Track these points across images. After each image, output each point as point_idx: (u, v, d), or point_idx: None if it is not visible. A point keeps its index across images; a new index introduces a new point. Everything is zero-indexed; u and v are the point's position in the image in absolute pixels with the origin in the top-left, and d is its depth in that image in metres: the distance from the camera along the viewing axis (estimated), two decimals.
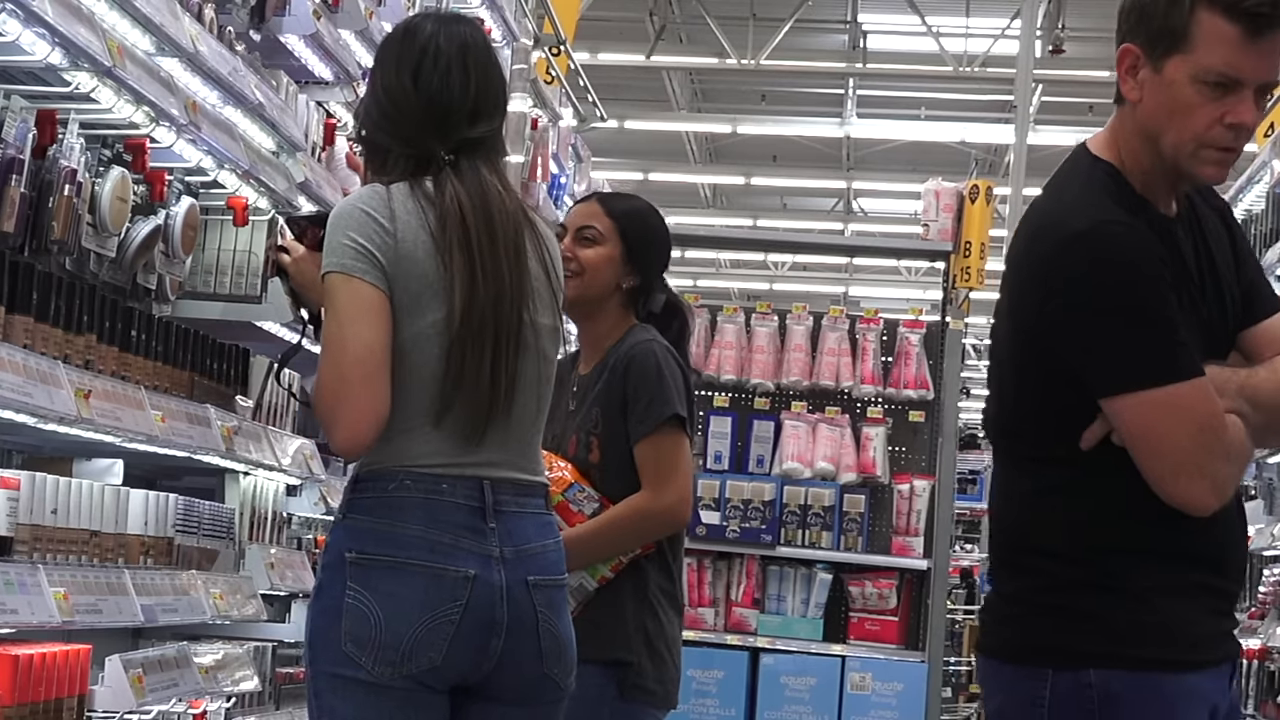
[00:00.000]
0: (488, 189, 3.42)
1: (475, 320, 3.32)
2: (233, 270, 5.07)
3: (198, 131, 4.44)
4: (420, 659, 3.27)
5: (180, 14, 4.33)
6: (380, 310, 3.30)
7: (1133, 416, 2.94)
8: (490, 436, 3.35)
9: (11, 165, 3.78)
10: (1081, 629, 2.98)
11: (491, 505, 3.33)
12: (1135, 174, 3.08)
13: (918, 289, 29.39)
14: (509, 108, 3.59)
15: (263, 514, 5.25)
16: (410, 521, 3.30)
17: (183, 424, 4.41)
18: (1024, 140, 19.03)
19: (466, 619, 3.28)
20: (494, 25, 8.05)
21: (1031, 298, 3.02)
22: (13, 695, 3.63)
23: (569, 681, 3.45)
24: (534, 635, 3.35)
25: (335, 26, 5.59)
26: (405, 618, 3.27)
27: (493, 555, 3.31)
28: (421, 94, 3.45)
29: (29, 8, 3.57)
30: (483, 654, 3.31)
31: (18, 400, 3.55)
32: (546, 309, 3.44)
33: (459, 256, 3.33)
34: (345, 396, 3.28)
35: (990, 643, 3.13)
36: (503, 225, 3.39)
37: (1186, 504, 2.94)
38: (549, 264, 3.48)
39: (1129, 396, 2.94)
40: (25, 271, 3.77)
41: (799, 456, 7.91)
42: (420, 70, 3.45)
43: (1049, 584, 3.02)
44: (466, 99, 3.45)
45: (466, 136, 3.44)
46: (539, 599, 3.36)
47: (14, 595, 3.56)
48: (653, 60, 21.51)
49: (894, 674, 7.67)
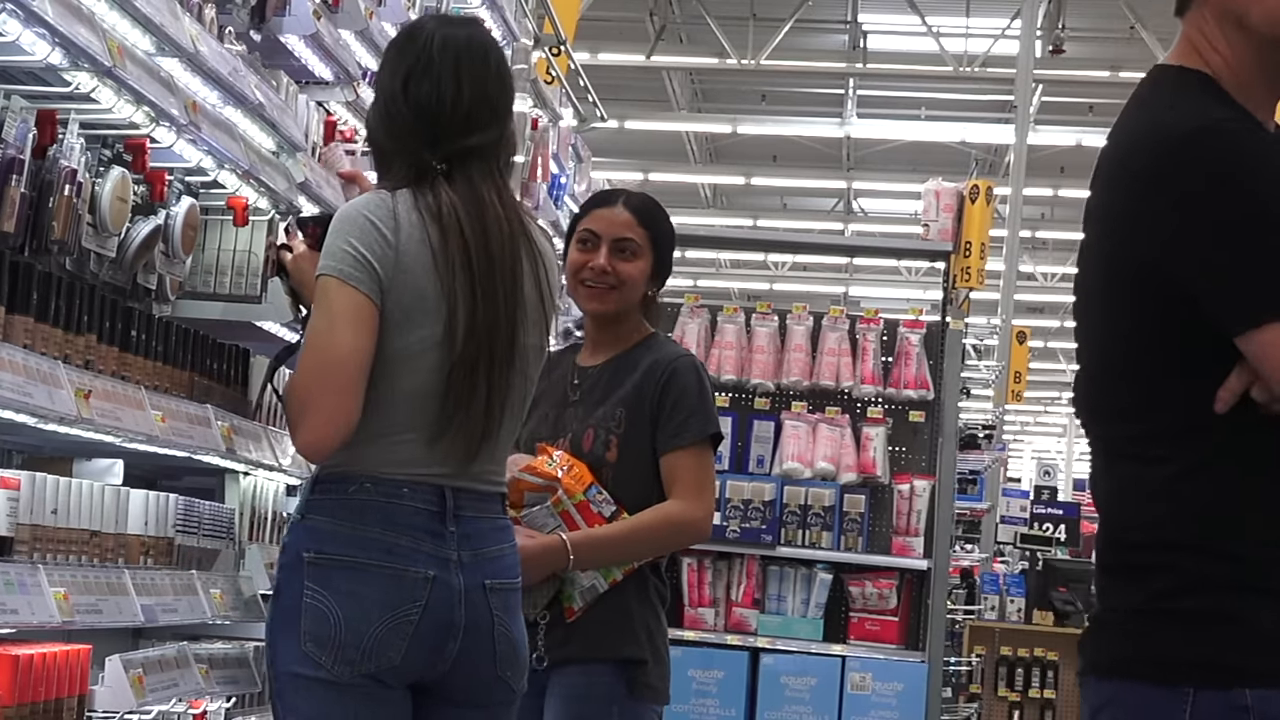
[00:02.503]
0: (483, 204, 3.40)
1: (474, 343, 3.34)
2: (233, 270, 5.07)
3: (198, 131, 4.44)
4: (380, 658, 3.30)
5: (180, 14, 4.33)
6: (369, 320, 3.31)
7: (1278, 347, 2.37)
8: (462, 448, 3.38)
9: (11, 165, 3.77)
10: (1231, 639, 2.42)
11: (451, 510, 3.36)
12: (1229, 81, 2.55)
13: (918, 289, 29.43)
14: None
15: (263, 514, 5.24)
16: (370, 524, 3.33)
17: (183, 424, 4.41)
18: (1024, 140, 19.05)
19: (425, 619, 3.31)
20: (494, 25, 8.05)
21: (1137, 224, 2.47)
22: (13, 695, 3.63)
23: (521, 684, 3.48)
24: (489, 638, 3.38)
25: (335, 27, 5.59)
26: (365, 617, 3.29)
27: (451, 559, 3.35)
28: (410, 102, 3.44)
29: (29, 8, 3.56)
30: (439, 654, 3.34)
31: (18, 400, 3.55)
32: (535, 329, 3.45)
33: (461, 275, 3.34)
34: (318, 398, 3.31)
35: (1104, 659, 2.55)
36: (499, 245, 3.39)
37: None
38: (543, 283, 3.46)
39: (1274, 326, 2.38)
40: (25, 271, 3.77)
41: (799, 456, 7.91)
42: (410, 77, 3.45)
43: (1182, 585, 2.45)
44: (459, 108, 3.42)
45: (460, 146, 3.42)
46: (495, 602, 3.38)
47: (14, 595, 3.56)
48: (653, 60, 21.54)
49: (894, 674, 7.66)
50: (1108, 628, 2.57)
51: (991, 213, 8.73)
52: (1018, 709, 12.34)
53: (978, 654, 12.31)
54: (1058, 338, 37.61)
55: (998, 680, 12.35)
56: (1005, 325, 17.79)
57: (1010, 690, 12.31)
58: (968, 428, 13.76)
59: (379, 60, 6.09)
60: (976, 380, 13.01)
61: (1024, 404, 29.21)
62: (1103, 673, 2.55)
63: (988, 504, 15.86)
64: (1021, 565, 14.52)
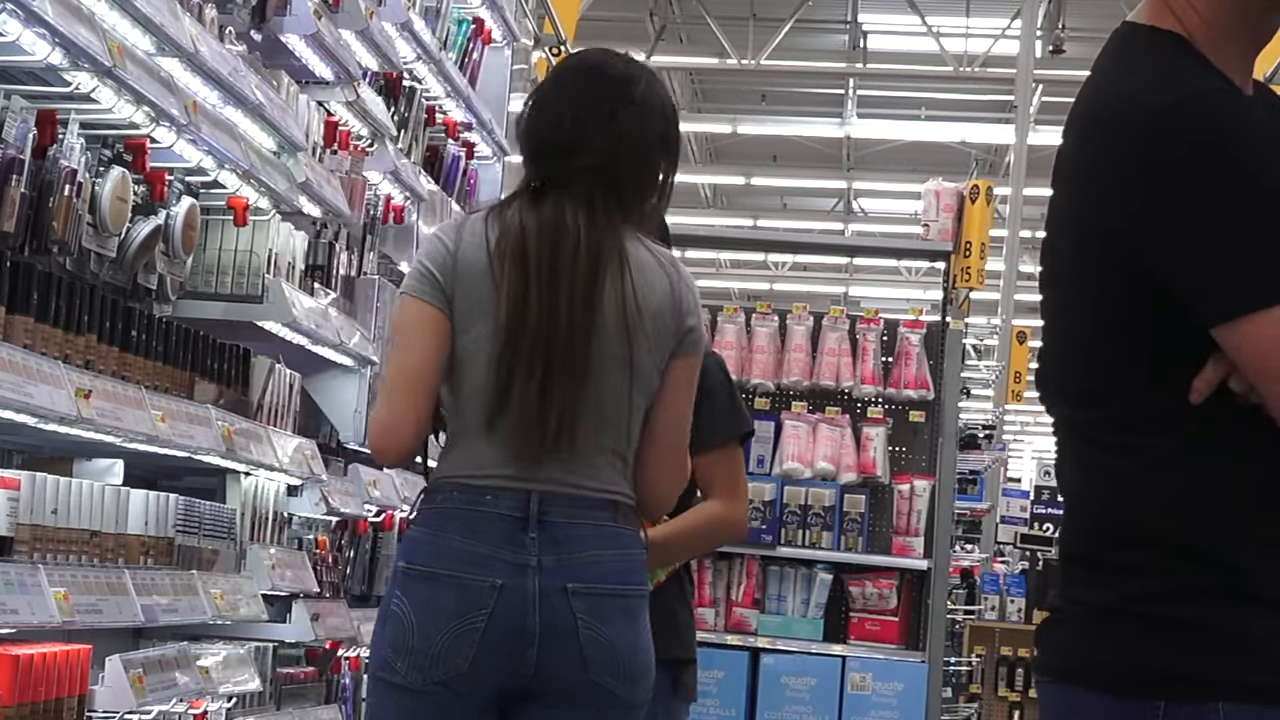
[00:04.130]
0: (560, 219, 3.46)
1: (526, 340, 3.39)
2: (234, 270, 5.08)
3: (198, 131, 4.43)
4: (448, 665, 3.34)
5: (180, 14, 4.32)
6: (432, 326, 3.42)
7: (1261, 341, 2.17)
8: (547, 455, 3.41)
9: (12, 165, 3.77)
10: (1204, 648, 2.22)
11: (535, 516, 3.39)
12: (1204, 41, 2.33)
13: (918, 289, 29.41)
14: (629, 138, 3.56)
15: (263, 514, 5.24)
16: (451, 532, 3.39)
17: (183, 424, 4.41)
18: (1024, 140, 19.08)
19: (493, 627, 3.34)
20: (494, 25, 8.06)
21: (1107, 191, 2.26)
22: (13, 695, 3.63)
23: (633, 691, 3.45)
24: (574, 642, 3.37)
25: (336, 26, 5.58)
26: (435, 624, 3.35)
27: (529, 564, 3.36)
28: (519, 121, 3.59)
29: (29, 8, 3.56)
30: (519, 661, 3.36)
31: (18, 400, 3.55)
32: (617, 341, 3.45)
33: (512, 273, 3.40)
34: (381, 405, 3.48)
35: (1070, 663, 2.33)
36: (571, 254, 3.43)
37: None
38: (630, 302, 3.46)
39: (1256, 317, 2.17)
40: (25, 272, 3.77)
41: (799, 456, 7.92)
42: (530, 98, 3.60)
43: (1155, 590, 2.25)
44: (559, 132, 3.51)
45: (558, 168, 3.51)
46: (579, 606, 3.38)
47: (14, 595, 3.56)
48: (653, 60, 21.49)
49: (894, 674, 7.67)
50: (1070, 624, 2.35)
51: (992, 213, 8.73)
52: (1018, 709, 12.35)
53: (978, 654, 12.32)
54: None
55: (998, 680, 12.35)
56: (1005, 325, 17.81)
57: (1010, 690, 12.32)
58: (968, 428, 13.77)
59: (379, 60, 6.12)
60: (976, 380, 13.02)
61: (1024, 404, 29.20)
62: (1062, 677, 2.34)
63: (988, 504, 15.87)
64: (1022, 565, 14.54)
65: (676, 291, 3.50)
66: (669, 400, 3.51)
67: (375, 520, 6.45)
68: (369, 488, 6.13)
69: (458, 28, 7.59)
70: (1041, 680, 2.40)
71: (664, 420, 3.52)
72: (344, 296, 5.87)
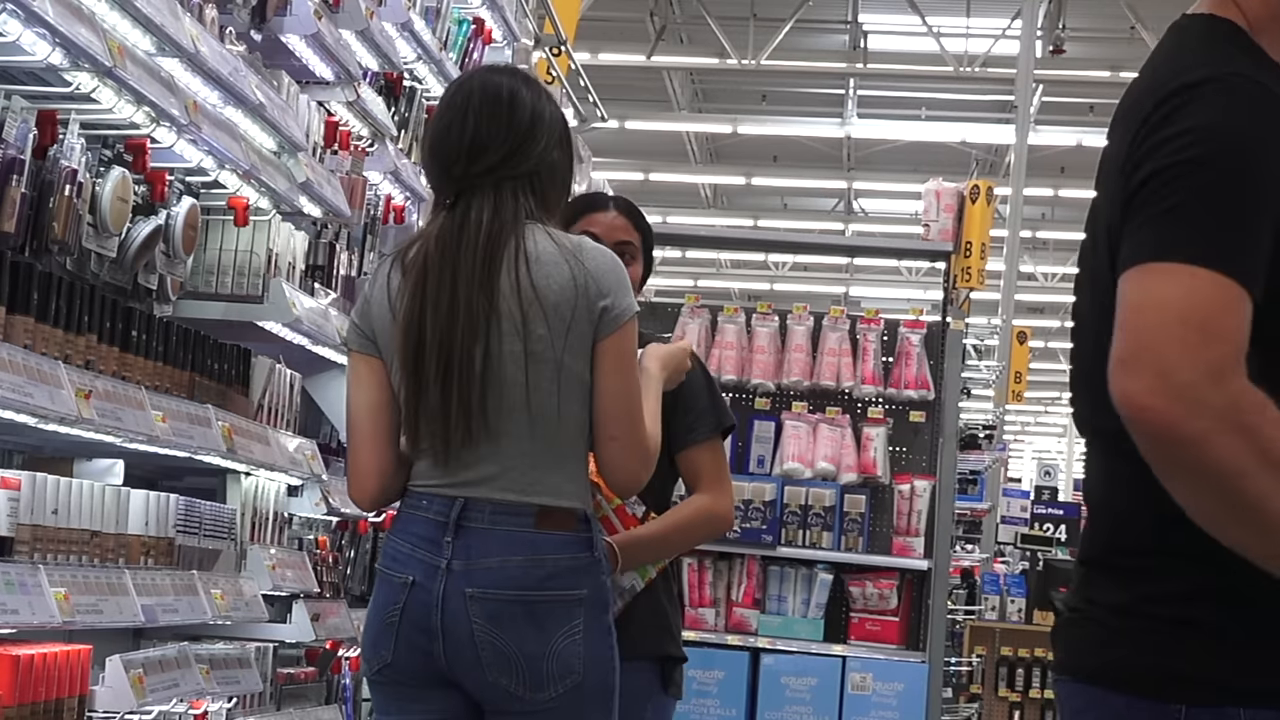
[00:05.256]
0: (467, 217, 3.54)
1: (419, 359, 3.50)
2: (234, 270, 5.08)
3: (198, 132, 4.44)
4: (379, 655, 3.55)
5: (181, 14, 4.33)
6: (368, 373, 3.60)
7: (1145, 291, 2.16)
8: (469, 460, 3.51)
9: (12, 165, 3.78)
10: (1226, 652, 2.21)
11: (454, 520, 3.50)
12: (1267, 30, 2.34)
13: (918, 289, 29.42)
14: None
15: (264, 514, 5.25)
16: (394, 534, 3.59)
17: (183, 424, 4.41)
18: (1024, 140, 19.07)
19: (404, 621, 3.51)
20: (494, 25, 8.05)
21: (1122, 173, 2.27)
22: (14, 695, 3.63)
23: (536, 695, 3.50)
24: (470, 646, 3.48)
25: (336, 26, 5.59)
26: (370, 619, 3.58)
27: (439, 566, 3.49)
28: (424, 146, 3.71)
29: (30, 8, 3.57)
30: (428, 656, 3.51)
31: (18, 400, 3.55)
32: (513, 336, 3.47)
33: (407, 299, 3.52)
34: (349, 458, 3.66)
35: (1089, 663, 2.33)
36: (470, 249, 3.50)
37: (1120, 399, 2.15)
38: (525, 289, 3.48)
39: (1158, 267, 2.16)
40: (26, 272, 3.78)
41: (799, 457, 7.91)
42: (430, 124, 3.71)
43: (1175, 592, 2.24)
44: (463, 141, 3.58)
45: (469, 172, 3.57)
46: (475, 610, 3.46)
47: (15, 595, 3.56)
48: (653, 60, 21.55)
49: (895, 674, 7.66)
50: (1088, 624, 2.35)
51: (992, 213, 8.72)
52: (1018, 709, 12.35)
53: (978, 654, 12.32)
54: (1058, 338, 37.61)
55: (998, 680, 12.35)
56: (1006, 325, 17.79)
57: (1011, 690, 12.32)
58: (968, 428, 13.76)
59: (380, 60, 6.12)
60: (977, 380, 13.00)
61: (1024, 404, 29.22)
62: (1083, 676, 2.34)
63: (988, 504, 15.87)
64: (1022, 565, 14.54)
65: (579, 278, 3.51)
66: (603, 383, 3.54)
67: (376, 520, 6.45)
68: None
69: (458, 28, 7.59)
70: (1060, 679, 2.40)
71: (603, 404, 3.54)
72: (344, 296, 5.88)
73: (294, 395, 5.41)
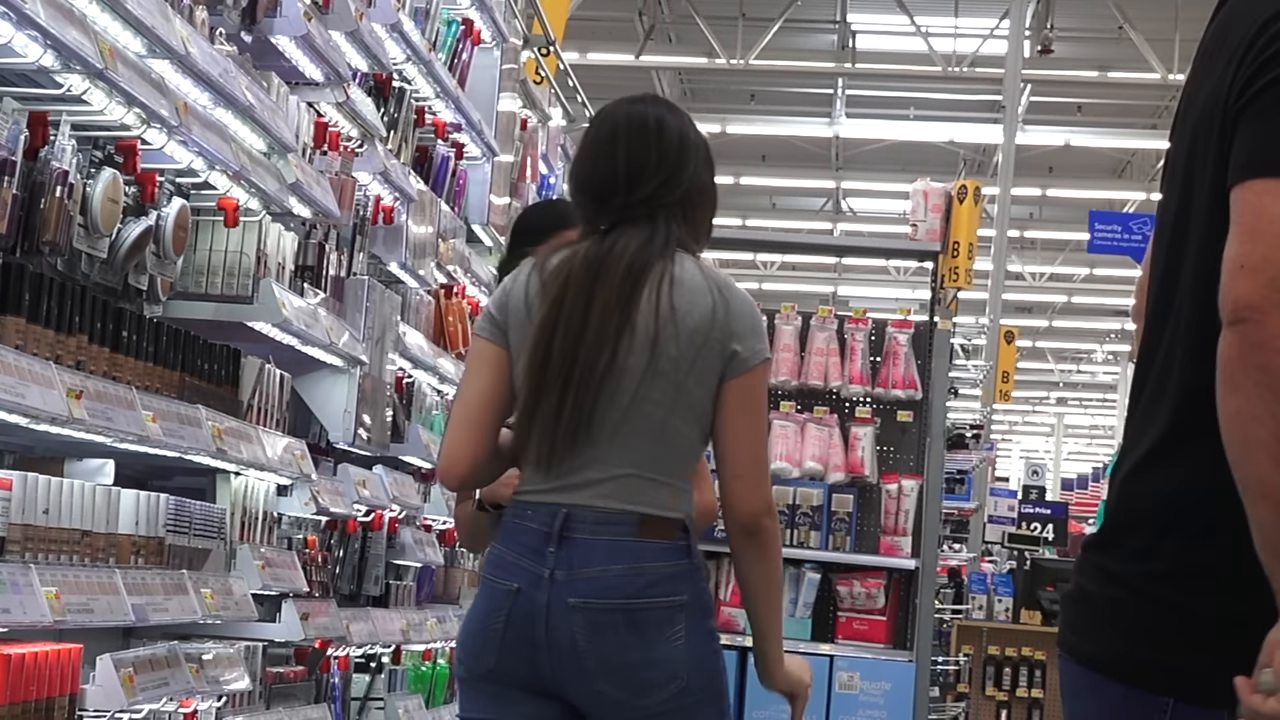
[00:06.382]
0: (615, 245, 3.59)
1: (550, 364, 3.54)
2: (224, 271, 5.10)
3: (189, 133, 4.46)
4: (482, 660, 3.56)
5: (171, 16, 4.35)
6: (491, 361, 3.62)
7: (1260, 202, 2.16)
8: (575, 467, 3.55)
9: (3, 167, 3.79)
10: (1219, 649, 2.20)
11: (558, 530, 3.53)
12: None
13: (907, 288, 29.46)
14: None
15: (253, 514, 5.26)
16: (499, 543, 3.61)
17: (174, 424, 4.43)
18: (1012, 140, 19.11)
19: (509, 629, 3.53)
20: (483, 26, 8.08)
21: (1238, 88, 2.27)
22: (5, 694, 3.65)
23: (641, 701, 3.54)
24: (574, 655, 3.51)
25: (326, 28, 5.61)
26: (471, 623, 3.60)
27: (543, 575, 3.51)
28: (574, 178, 3.74)
29: (21, 10, 3.58)
30: (533, 665, 3.53)
31: (10, 401, 3.57)
32: (644, 350, 3.53)
33: (545, 310, 3.56)
34: (447, 435, 3.67)
35: (1089, 649, 2.37)
36: (612, 273, 3.56)
37: (1233, 300, 2.15)
38: (663, 311, 3.54)
39: (1271, 182, 2.16)
40: (17, 273, 3.79)
41: (787, 456, 7.93)
42: (577, 159, 3.74)
43: (1159, 571, 2.26)
44: (616, 172, 3.64)
45: (628, 201, 3.63)
46: (578, 620, 3.49)
47: (6, 595, 3.58)
48: (642, 60, 21.57)
49: (882, 673, 7.68)
50: (1085, 604, 2.40)
51: (979, 213, 8.77)
52: (1005, 708, 12.37)
53: (965, 653, 12.34)
54: (1046, 337, 37.67)
55: (985, 679, 12.38)
56: (993, 325, 17.84)
57: (998, 689, 12.34)
58: (955, 427, 13.79)
59: (369, 61, 6.14)
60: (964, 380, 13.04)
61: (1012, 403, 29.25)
62: (1084, 661, 2.38)
63: (975, 504, 15.90)
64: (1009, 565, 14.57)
65: (719, 313, 3.56)
66: (731, 421, 3.58)
67: (365, 520, 6.47)
68: (358, 487, 6.15)
69: (447, 28, 7.62)
70: (1063, 655, 2.44)
71: (729, 441, 3.59)
72: (333, 297, 5.90)
73: (283, 395, 5.42)
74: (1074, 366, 42.09)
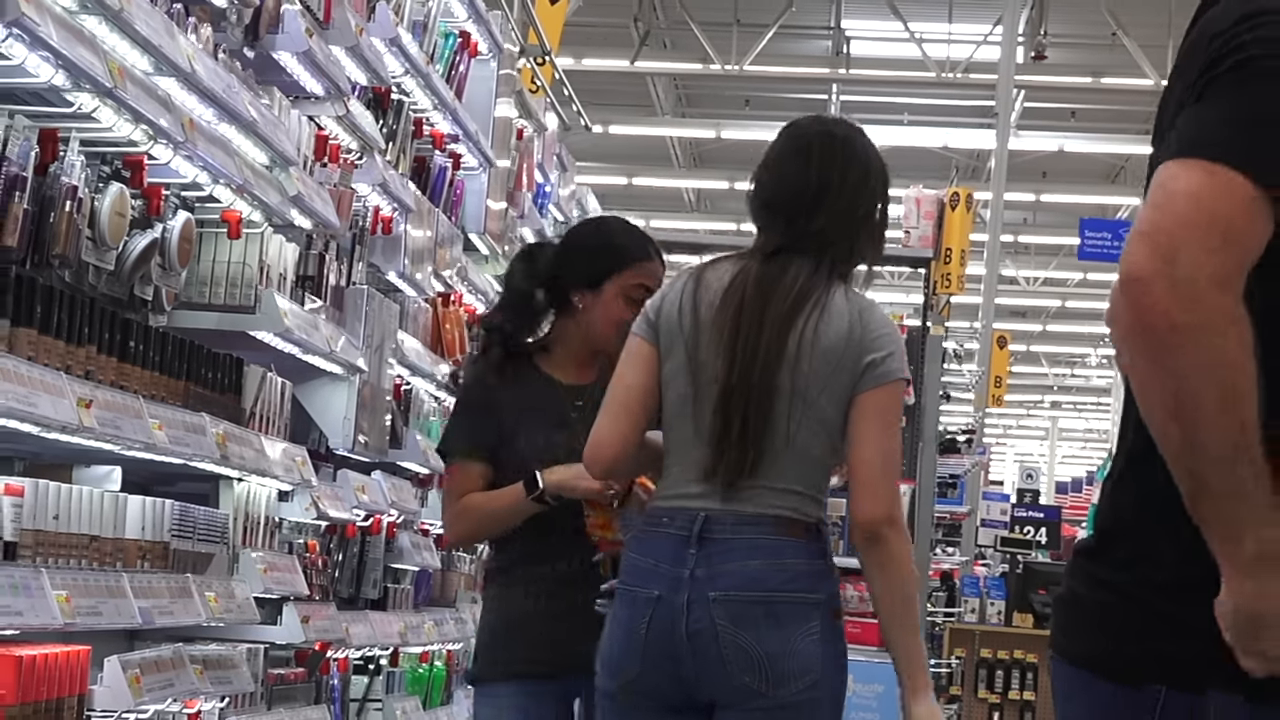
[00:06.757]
0: (784, 273, 3.71)
1: (722, 379, 3.65)
2: (227, 281, 5.17)
3: (194, 148, 4.52)
4: (626, 670, 3.65)
5: (177, 34, 4.42)
6: (645, 358, 3.74)
7: (1177, 181, 2.16)
8: (724, 479, 3.66)
9: (15, 182, 3.86)
10: (1207, 640, 2.19)
11: (697, 534, 3.63)
12: None
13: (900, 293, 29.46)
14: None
15: (255, 519, 5.32)
16: (636, 550, 3.71)
17: (179, 432, 4.50)
18: (1005, 146, 19.12)
19: (651, 634, 3.62)
20: (480, 38, 8.15)
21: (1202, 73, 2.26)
22: (16, 695, 3.72)
23: (779, 691, 3.63)
24: (714, 645, 3.60)
25: (326, 43, 5.67)
26: (614, 634, 3.68)
27: (683, 576, 3.61)
28: (758, 189, 3.91)
29: (34, 32, 3.65)
30: (679, 664, 3.62)
31: (23, 410, 3.64)
32: (786, 371, 3.66)
33: (715, 323, 3.68)
34: (598, 423, 3.78)
35: (1077, 648, 2.39)
36: (780, 306, 3.68)
37: (1127, 266, 2.15)
38: (806, 334, 3.67)
39: (1194, 163, 2.16)
40: (29, 285, 3.87)
41: None
42: (765, 169, 3.89)
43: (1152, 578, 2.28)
44: (806, 189, 3.79)
45: (809, 230, 3.76)
46: (719, 612, 3.60)
47: (18, 598, 3.66)
48: (637, 65, 21.60)
49: (874, 676, 7.74)
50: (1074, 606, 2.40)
51: (972, 219, 8.84)
52: (998, 711, 12.42)
53: (958, 656, 12.38)
54: (1039, 342, 37.70)
55: (978, 682, 12.42)
56: (986, 329, 17.88)
57: (990, 692, 12.39)
58: (947, 432, 13.86)
59: (368, 74, 6.22)
60: (957, 385, 13.10)
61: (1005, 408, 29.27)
62: (1069, 659, 2.38)
63: (968, 508, 15.96)
64: (1002, 568, 14.62)
65: (855, 331, 3.68)
66: (864, 433, 3.68)
67: (363, 524, 6.54)
68: (357, 493, 6.22)
69: (444, 41, 7.69)
70: (1054, 657, 2.47)
71: (861, 452, 3.68)
72: (333, 306, 5.96)
73: (284, 402, 5.49)
74: (1068, 370, 42.13)
